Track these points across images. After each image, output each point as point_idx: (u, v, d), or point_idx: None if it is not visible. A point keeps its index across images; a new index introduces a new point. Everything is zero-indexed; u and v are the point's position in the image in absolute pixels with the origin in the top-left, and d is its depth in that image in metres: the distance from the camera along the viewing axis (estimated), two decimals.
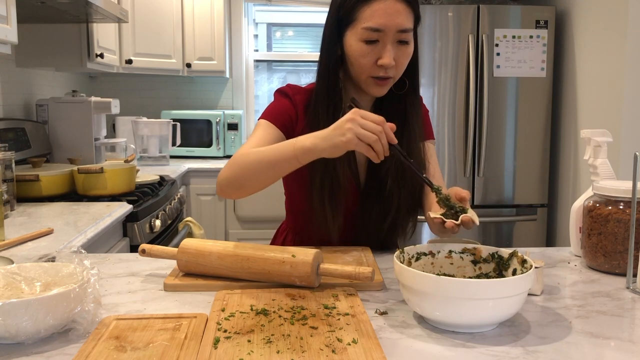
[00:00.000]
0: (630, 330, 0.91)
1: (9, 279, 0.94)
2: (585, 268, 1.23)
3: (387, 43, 1.19)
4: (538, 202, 3.16)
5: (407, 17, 1.20)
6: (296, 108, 1.32)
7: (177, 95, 4.03)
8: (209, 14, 3.63)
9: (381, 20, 1.17)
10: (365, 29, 1.19)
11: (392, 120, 1.28)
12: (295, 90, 1.35)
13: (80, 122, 2.81)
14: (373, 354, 0.77)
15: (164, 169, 3.13)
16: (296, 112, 1.32)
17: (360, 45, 1.21)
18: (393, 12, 1.17)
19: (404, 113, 1.32)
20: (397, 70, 1.24)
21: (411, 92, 1.33)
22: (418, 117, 1.33)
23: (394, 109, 1.32)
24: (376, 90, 1.26)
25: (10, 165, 1.89)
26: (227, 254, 1.09)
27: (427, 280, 0.86)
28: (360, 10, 1.20)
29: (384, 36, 1.19)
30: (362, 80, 1.26)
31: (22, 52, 2.67)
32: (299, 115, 1.32)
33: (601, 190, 1.19)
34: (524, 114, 3.09)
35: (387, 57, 1.19)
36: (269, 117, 1.30)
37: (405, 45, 1.22)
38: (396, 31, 1.19)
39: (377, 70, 1.22)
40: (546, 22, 3.02)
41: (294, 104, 1.32)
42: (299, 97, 1.33)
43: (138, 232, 2.12)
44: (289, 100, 1.33)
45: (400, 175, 1.31)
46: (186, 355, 0.78)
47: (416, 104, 1.34)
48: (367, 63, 1.22)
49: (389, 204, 1.32)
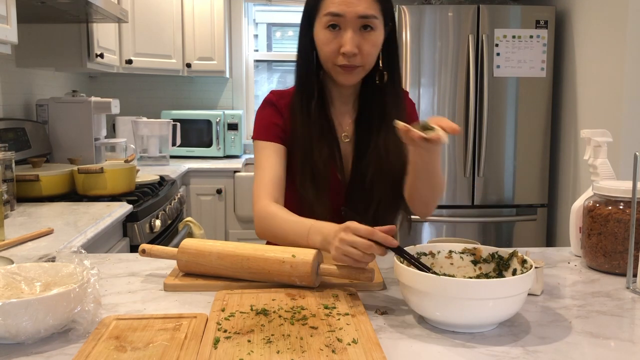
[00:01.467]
0: (630, 330, 0.91)
1: (9, 279, 0.94)
2: (585, 268, 1.23)
3: (348, 29, 1.22)
4: (538, 202, 3.16)
5: (368, 4, 1.22)
6: (281, 113, 1.35)
7: (177, 95, 4.03)
8: (209, 14, 3.63)
9: (341, 6, 1.21)
10: (325, 15, 1.23)
11: (371, 112, 1.31)
12: (279, 95, 1.38)
13: (80, 122, 2.81)
14: (373, 354, 0.77)
15: (164, 169, 3.13)
16: (282, 117, 1.35)
17: (323, 32, 1.25)
18: (352, 1, 1.21)
19: (383, 105, 1.33)
20: (364, 59, 1.25)
21: (390, 84, 1.33)
22: (398, 110, 1.33)
23: (374, 101, 1.34)
24: (344, 79, 1.28)
25: (10, 165, 1.89)
26: (227, 254, 1.09)
27: (427, 280, 0.86)
28: (322, 1, 1.24)
29: (344, 22, 1.22)
30: (330, 68, 1.28)
31: (22, 52, 2.67)
32: (285, 118, 1.34)
33: (601, 190, 1.19)
34: (524, 114, 3.09)
35: (348, 44, 1.21)
36: (262, 135, 1.34)
37: (369, 32, 1.23)
38: (356, 17, 1.21)
39: (341, 58, 1.24)
40: (546, 22, 3.02)
41: (278, 109, 1.35)
42: (283, 101, 1.36)
43: (138, 232, 2.12)
44: (273, 108, 1.36)
45: (381, 168, 1.31)
46: (186, 355, 0.78)
47: (396, 96, 1.35)
48: (330, 50, 1.24)
49: (371, 196, 1.32)
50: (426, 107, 3.05)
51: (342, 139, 1.36)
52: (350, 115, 1.37)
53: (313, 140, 1.30)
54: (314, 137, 1.30)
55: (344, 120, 1.37)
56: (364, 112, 1.35)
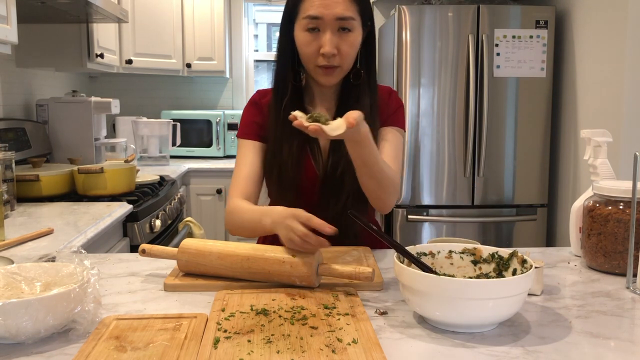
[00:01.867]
0: (630, 330, 0.91)
1: (9, 279, 0.94)
2: (585, 268, 1.23)
3: (326, 30, 1.26)
4: (538, 202, 3.16)
5: (346, 6, 1.25)
6: (262, 110, 1.41)
7: (177, 95, 4.03)
8: (209, 14, 3.63)
9: (319, 9, 1.25)
10: (305, 17, 1.27)
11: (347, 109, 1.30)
12: (262, 94, 1.44)
13: (81, 122, 2.81)
14: (373, 354, 0.77)
15: (164, 169, 3.13)
16: (262, 115, 1.40)
17: (303, 34, 1.29)
18: (330, 3, 1.25)
19: (358, 102, 1.36)
20: (343, 59, 1.29)
21: (366, 82, 1.37)
22: (372, 107, 1.36)
23: (351, 98, 1.38)
24: (324, 79, 1.32)
25: (10, 165, 1.89)
26: (227, 254, 1.09)
27: (427, 280, 0.86)
28: (301, 3, 1.28)
29: (323, 24, 1.26)
30: (311, 70, 1.33)
31: (22, 52, 2.67)
32: (264, 116, 1.40)
33: (601, 190, 1.19)
34: (524, 114, 3.09)
35: (327, 46, 1.26)
36: (244, 134, 1.41)
37: (347, 33, 1.27)
38: (334, 19, 1.25)
39: (321, 59, 1.28)
40: (546, 22, 3.02)
41: (259, 108, 1.42)
42: (266, 99, 1.42)
43: (138, 232, 2.12)
44: (255, 106, 1.42)
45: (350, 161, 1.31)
46: (186, 355, 0.78)
47: (372, 93, 1.38)
48: (310, 52, 1.28)
49: (341, 189, 1.34)
50: (426, 107, 3.05)
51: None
52: (332, 113, 1.41)
53: (283, 139, 1.34)
54: (285, 135, 1.33)
55: None
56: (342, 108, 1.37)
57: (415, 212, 3.07)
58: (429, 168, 3.07)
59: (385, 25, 3.45)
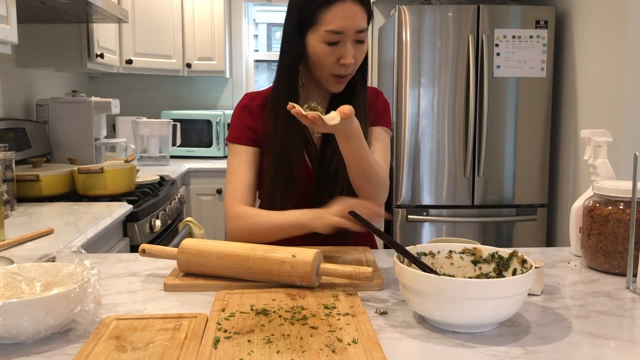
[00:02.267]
0: (630, 330, 0.91)
1: (9, 279, 0.94)
2: (585, 268, 1.23)
3: (347, 43, 1.27)
4: (538, 202, 3.16)
5: (363, 18, 1.28)
6: (253, 114, 1.40)
7: (177, 95, 4.03)
8: (209, 14, 3.63)
9: (342, 24, 1.25)
10: (327, 31, 1.26)
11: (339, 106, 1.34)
12: (252, 96, 1.44)
13: (81, 122, 2.81)
14: (373, 354, 0.77)
15: (164, 169, 3.13)
16: (254, 119, 1.40)
17: (322, 46, 1.28)
18: (351, 15, 1.25)
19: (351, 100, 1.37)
20: (355, 67, 1.33)
21: (361, 81, 1.39)
22: (364, 104, 1.39)
23: (344, 97, 1.38)
24: (336, 87, 1.35)
25: (10, 165, 1.89)
26: (227, 254, 1.09)
27: (427, 280, 0.86)
28: (321, 14, 1.26)
29: (344, 37, 1.27)
30: (324, 78, 1.33)
31: (22, 52, 2.67)
32: (256, 119, 1.40)
33: (601, 190, 1.19)
34: (524, 114, 3.09)
35: (349, 57, 1.28)
36: (236, 138, 1.40)
37: (362, 44, 1.30)
38: (355, 32, 1.27)
39: (339, 69, 1.30)
40: (546, 22, 3.02)
41: (250, 111, 1.41)
42: (256, 102, 1.42)
43: (138, 232, 2.12)
44: (246, 110, 1.42)
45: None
46: (186, 355, 0.78)
47: (363, 92, 1.40)
48: (329, 62, 1.29)
49: (336, 182, 1.35)
50: (426, 107, 3.05)
51: (315, 133, 1.41)
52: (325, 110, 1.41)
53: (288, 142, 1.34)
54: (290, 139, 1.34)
55: None
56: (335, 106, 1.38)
57: (415, 212, 3.07)
58: (429, 168, 3.07)
59: (385, 25, 3.45)
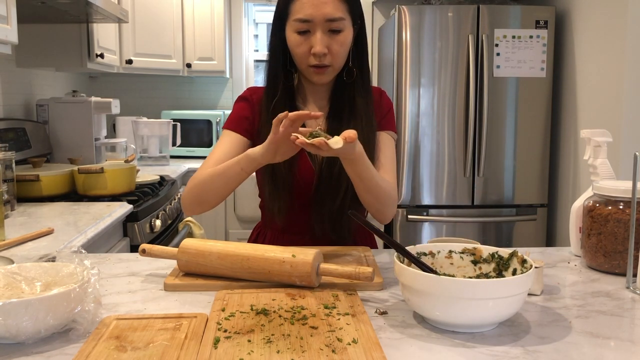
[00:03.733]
0: (630, 330, 0.91)
1: (9, 279, 0.94)
2: (585, 268, 1.23)
3: (316, 32, 1.28)
4: (538, 202, 3.16)
5: (335, 7, 1.27)
6: (252, 107, 1.40)
7: (177, 95, 4.03)
8: (209, 14, 3.63)
9: (308, 11, 1.26)
10: (295, 20, 1.28)
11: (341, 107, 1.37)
12: (253, 90, 1.45)
13: (81, 122, 2.81)
14: (373, 354, 0.77)
15: (164, 169, 3.13)
16: (252, 111, 1.40)
17: (294, 36, 1.30)
18: (319, 3, 1.26)
19: (353, 101, 1.38)
20: (334, 58, 1.31)
21: (359, 80, 1.38)
22: (367, 105, 1.38)
23: (344, 97, 1.39)
24: (317, 78, 1.34)
25: (10, 165, 1.89)
26: (227, 254, 1.09)
27: (427, 280, 0.86)
28: (291, 5, 1.29)
29: (313, 26, 1.27)
30: (303, 69, 1.34)
31: (22, 52, 2.67)
32: (255, 113, 1.40)
33: (601, 190, 1.19)
34: (524, 114, 3.09)
35: (317, 45, 1.27)
36: (231, 125, 1.40)
37: (337, 34, 1.29)
38: (324, 20, 1.27)
39: (312, 59, 1.30)
40: (546, 22, 3.02)
41: (250, 104, 1.41)
42: (256, 96, 1.42)
43: (138, 232, 2.12)
44: (246, 102, 1.42)
45: None
46: (186, 355, 0.78)
47: (366, 91, 1.39)
48: (302, 52, 1.30)
49: (339, 185, 1.35)
50: (426, 107, 3.05)
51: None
52: (325, 110, 1.42)
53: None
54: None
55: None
56: (335, 107, 1.41)
57: (415, 212, 3.07)
58: (429, 168, 3.07)
59: (385, 25, 3.45)
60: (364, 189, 1.25)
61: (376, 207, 1.30)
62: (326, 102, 1.42)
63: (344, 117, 1.36)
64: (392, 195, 1.32)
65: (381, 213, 1.32)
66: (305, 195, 1.36)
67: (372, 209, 1.31)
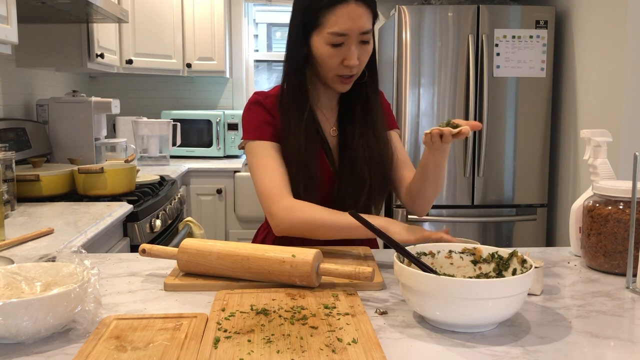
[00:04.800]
0: (630, 330, 0.91)
1: (9, 279, 0.94)
2: (585, 268, 1.23)
3: (351, 45, 1.28)
4: (538, 202, 3.17)
5: (367, 19, 1.28)
6: (270, 111, 1.38)
7: (177, 95, 4.03)
8: (209, 14, 3.63)
9: (346, 26, 1.25)
10: (331, 33, 1.26)
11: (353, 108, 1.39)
12: (264, 95, 1.42)
13: (81, 122, 2.81)
14: (373, 354, 0.77)
15: (164, 169, 3.13)
16: (271, 115, 1.38)
17: (326, 48, 1.28)
18: (355, 17, 1.25)
19: (366, 101, 1.40)
20: (360, 68, 1.33)
21: (370, 81, 1.40)
22: (378, 105, 1.41)
23: (356, 99, 1.40)
24: (342, 88, 1.36)
25: (10, 165, 1.89)
26: (227, 253, 1.09)
27: (427, 280, 0.86)
28: (325, 16, 1.26)
29: (348, 39, 1.27)
30: (329, 78, 1.34)
31: (22, 52, 2.67)
32: (274, 116, 1.38)
33: (601, 190, 1.19)
34: (524, 114, 3.09)
35: (353, 59, 1.28)
36: (256, 135, 1.35)
37: (366, 45, 1.31)
38: (359, 33, 1.27)
39: (343, 70, 1.31)
40: (546, 22, 3.02)
41: (266, 108, 1.39)
42: (269, 101, 1.40)
43: (138, 232, 2.12)
44: (261, 107, 1.39)
45: (368, 154, 1.37)
46: (186, 355, 0.78)
47: (375, 92, 1.42)
48: (333, 64, 1.30)
49: (362, 182, 1.36)
50: (426, 107, 3.05)
51: (330, 133, 1.42)
52: (335, 110, 1.44)
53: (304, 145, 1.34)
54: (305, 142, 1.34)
55: (331, 116, 1.44)
56: (348, 107, 1.42)
57: None
58: None
59: (385, 25, 3.45)
60: (434, 179, 1.29)
61: (431, 199, 1.35)
62: (335, 104, 1.44)
63: (356, 115, 1.39)
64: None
65: (430, 204, 1.38)
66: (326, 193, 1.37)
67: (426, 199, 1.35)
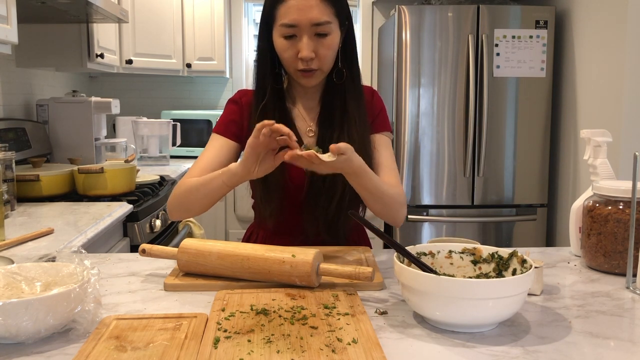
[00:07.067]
0: (630, 330, 0.91)
1: (9, 279, 0.94)
2: (585, 268, 1.23)
3: (303, 36, 1.27)
4: (538, 202, 3.16)
5: (320, 11, 1.25)
6: (242, 110, 1.40)
7: (177, 95, 4.03)
8: (209, 14, 3.63)
9: (294, 16, 1.25)
10: (281, 25, 1.27)
11: (333, 110, 1.37)
12: (243, 93, 1.44)
13: (81, 122, 2.81)
14: (373, 354, 0.77)
15: (164, 169, 3.13)
16: (241, 115, 1.39)
17: (280, 40, 1.29)
18: (305, 8, 1.24)
19: (344, 101, 1.37)
20: (321, 62, 1.30)
21: (350, 81, 1.37)
22: (359, 106, 1.37)
23: (335, 99, 1.38)
24: (305, 82, 1.33)
25: (10, 165, 1.89)
26: (227, 253, 1.09)
27: (427, 280, 0.86)
28: (277, 9, 1.28)
29: (299, 31, 1.26)
30: (292, 73, 1.33)
31: (22, 52, 2.67)
32: (244, 116, 1.39)
33: (601, 190, 1.19)
34: (524, 114, 3.09)
35: (304, 50, 1.26)
36: (220, 129, 1.40)
37: (324, 38, 1.28)
38: (310, 25, 1.25)
39: (300, 63, 1.29)
40: (546, 22, 3.02)
41: (240, 106, 1.41)
42: (246, 99, 1.41)
43: (138, 232, 2.13)
44: (235, 105, 1.42)
45: None
46: (186, 355, 0.78)
47: (356, 92, 1.38)
48: (289, 57, 1.29)
49: (334, 188, 1.34)
50: (426, 107, 3.05)
51: (307, 133, 1.40)
52: (315, 111, 1.41)
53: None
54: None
55: (309, 116, 1.42)
56: (326, 108, 1.40)
57: (415, 212, 3.07)
58: (429, 168, 3.07)
59: (385, 25, 3.45)
60: (372, 199, 1.25)
61: (386, 214, 1.30)
62: (316, 104, 1.41)
63: (335, 119, 1.36)
64: (400, 200, 1.32)
65: (392, 218, 1.32)
66: (296, 199, 1.36)
67: (382, 215, 1.31)
